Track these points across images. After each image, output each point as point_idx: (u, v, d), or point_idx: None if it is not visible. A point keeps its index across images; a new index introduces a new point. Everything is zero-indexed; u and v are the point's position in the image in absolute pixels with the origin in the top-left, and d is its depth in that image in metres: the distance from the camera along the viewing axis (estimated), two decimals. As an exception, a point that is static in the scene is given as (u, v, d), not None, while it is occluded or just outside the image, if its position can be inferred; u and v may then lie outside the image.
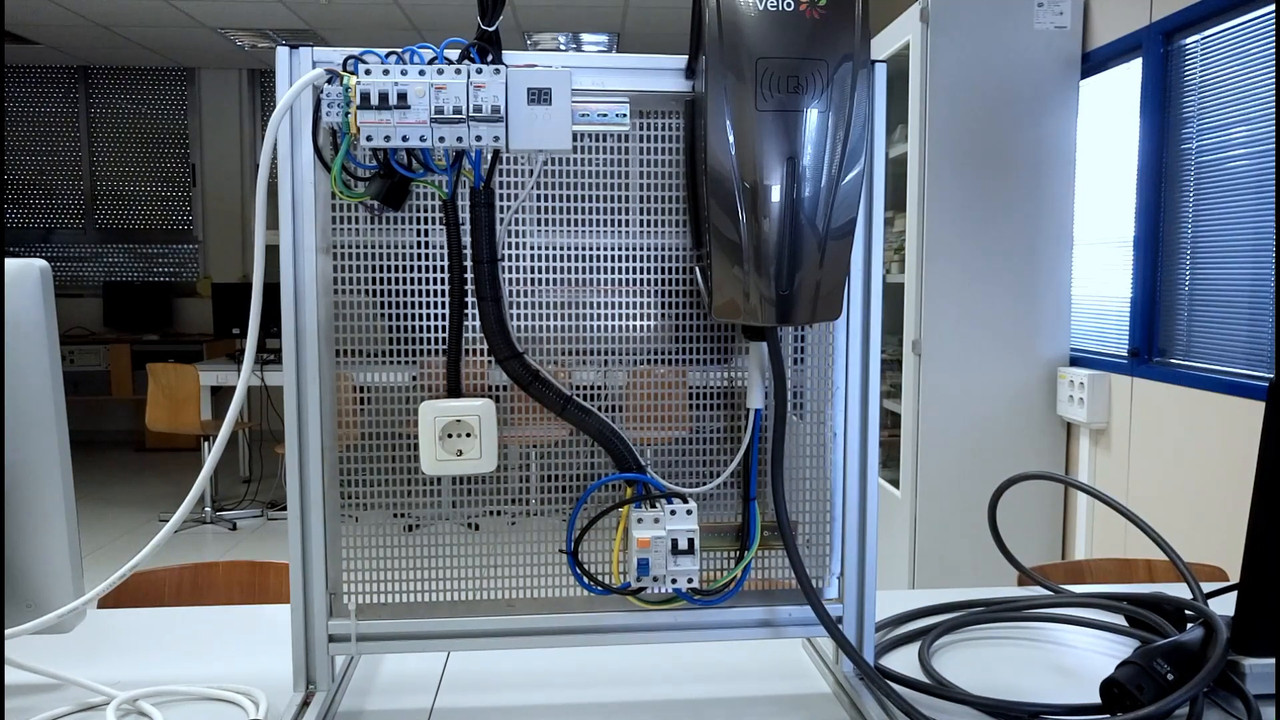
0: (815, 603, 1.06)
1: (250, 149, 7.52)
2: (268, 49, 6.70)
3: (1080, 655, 1.22)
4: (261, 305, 0.96)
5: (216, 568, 1.55)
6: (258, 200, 0.96)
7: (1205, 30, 2.65)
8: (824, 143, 0.96)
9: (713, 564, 1.13)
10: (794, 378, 1.12)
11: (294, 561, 1.04)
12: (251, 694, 1.07)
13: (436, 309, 1.07)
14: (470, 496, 1.13)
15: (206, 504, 5.35)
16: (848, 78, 0.95)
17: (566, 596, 1.12)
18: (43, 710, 1.03)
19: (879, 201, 1.07)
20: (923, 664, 1.16)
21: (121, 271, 7.56)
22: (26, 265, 0.95)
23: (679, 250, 1.10)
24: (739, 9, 0.94)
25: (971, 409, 3.16)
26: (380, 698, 1.11)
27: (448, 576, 1.11)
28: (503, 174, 1.06)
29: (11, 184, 7.32)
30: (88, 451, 7.12)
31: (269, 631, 1.27)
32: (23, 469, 0.95)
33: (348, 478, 1.08)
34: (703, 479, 1.12)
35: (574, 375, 1.11)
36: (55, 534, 0.97)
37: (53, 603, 0.98)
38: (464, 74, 0.97)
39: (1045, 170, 3.11)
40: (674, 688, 1.14)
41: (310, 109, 0.99)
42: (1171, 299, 2.81)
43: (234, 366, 5.44)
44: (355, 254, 1.06)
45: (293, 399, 1.02)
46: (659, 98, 1.06)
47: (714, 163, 0.96)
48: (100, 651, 1.21)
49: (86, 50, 6.84)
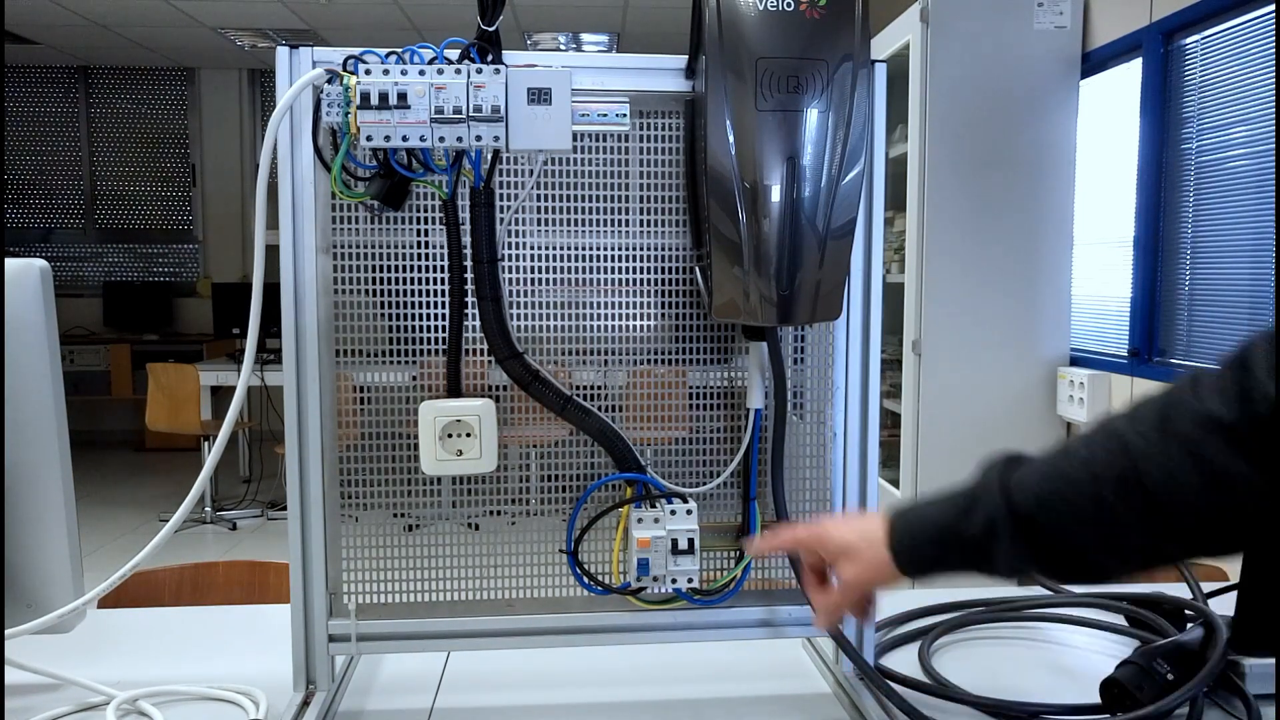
0: (815, 603, 1.06)
1: (250, 149, 7.52)
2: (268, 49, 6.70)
3: (1080, 655, 1.22)
4: (261, 305, 0.96)
5: (216, 568, 1.55)
6: (258, 200, 0.96)
7: (1205, 30, 2.65)
8: (824, 143, 0.96)
9: (713, 564, 1.13)
10: (794, 378, 1.12)
11: (294, 561, 1.04)
12: (251, 694, 1.07)
13: (436, 309, 1.07)
14: (470, 496, 1.13)
15: (206, 504, 5.35)
16: (848, 78, 0.95)
17: (566, 596, 1.12)
18: (43, 710, 1.03)
19: (879, 201, 1.07)
20: (923, 664, 1.16)
21: (121, 271, 7.55)
22: (26, 265, 0.95)
23: (679, 250, 1.10)
24: (739, 9, 0.94)
25: (971, 409, 3.16)
26: (380, 698, 1.11)
27: (448, 576, 1.11)
28: (503, 174, 1.06)
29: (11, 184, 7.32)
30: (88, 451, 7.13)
31: (269, 631, 1.27)
32: (23, 469, 0.95)
33: (348, 478, 1.08)
34: (703, 479, 1.12)
35: (574, 375, 1.11)
36: (55, 534, 0.97)
37: (53, 603, 0.98)
38: (464, 74, 0.97)
39: (1045, 170, 3.11)
40: (674, 688, 1.14)
41: (310, 109, 0.99)
42: (1171, 299, 2.81)
43: (234, 366, 5.44)
44: (355, 254, 1.06)
45: (293, 399, 1.02)
46: (659, 98, 1.06)
47: (714, 163, 0.96)
48: (100, 651, 1.21)
49: (86, 50, 6.84)
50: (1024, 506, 0.71)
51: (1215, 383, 0.63)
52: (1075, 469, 0.68)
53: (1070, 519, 0.68)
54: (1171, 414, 0.64)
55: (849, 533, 0.84)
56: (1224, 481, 0.61)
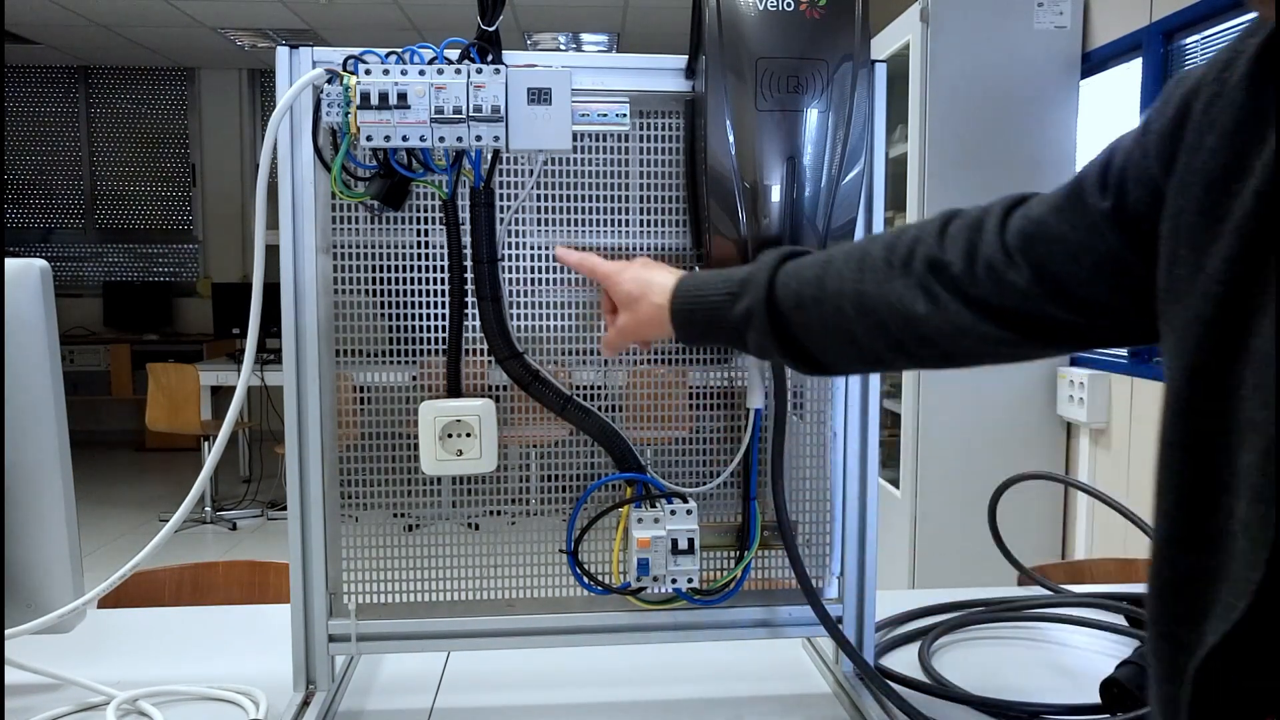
0: (815, 603, 1.06)
1: (250, 149, 7.52)
2: (268, 49, 6.70)
3: (1080, 655, 1.22)
4: (261, 305, 0.96)
5: (216, 568, 1.55)
6: (258, 200, 0.96)
7: (1205, 30, 2.65)
8: (824, 143, 0.96)
9: (713, 564, 1.13)
10: (794, 378, 1.11)
11: (294, 561, 1.04)
12: (251, 694, 1.07)
13: (436, 309, 1.07)
14: (470, 496, 1.13)
15: (206, 504, 5.35)
16: (848, 78, 0.95)
17: (566, 596, 1.12)
18: (43, 710, 1.03)
19: (879, 201, 1.07)
20: (923, 664, 1.16)
21: (121, 271, 7.55)
22: (26, 265, 0.95)
23: (679, 250, 1.10)
24: (739, 9, 0.94)
25: (971, 409, 3.16)
26: (380, 698, 1.11)
27: (448, 576, 1.11)
28: (503, 174, 1.06)
29: (11, 184, 7.31)
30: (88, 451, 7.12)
31: (269, 631, 1.27)
32: (23, 469, 0.95)
33: (348, 478, 1.08)
34: (703, 479, 1.12)
35: (574, 375, 1.11)
36: (55, 534, 0.97)
37: (53, 603, 0.98)
38: (464, 74, 0.97)
39: (1045, 170, 3.11)
40: (674, 688, 1.14)
41: (310, 109, 0.99)
42: (1171, 299, 2.81)
43: (234, 366, 5.44)
44: (355, 254, 1.06)
45: (293, 399, 1.02)
46: (659, 98, 1.06)
47: (714, 163, 0.96)
48: (100, 651, 1.21)
49: (86, 50, 6.84)
50: (780, 305, 0.81)
51: (958, 233, 0.74)
52: (830, 281, 0.79)
53: (816, 324, 0.79)
54: (917, 250, 0.75)
55: (636, 286, 0.93)
56: (944, 314, 0.74)
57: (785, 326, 0.82)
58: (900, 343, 0.77)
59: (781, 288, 0.82)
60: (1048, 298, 0.69)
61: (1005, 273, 0.70)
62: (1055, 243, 0.67)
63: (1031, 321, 0.71)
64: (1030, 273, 0.69)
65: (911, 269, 0.75)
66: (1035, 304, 0.70)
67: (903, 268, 0.75)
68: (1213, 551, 0.52)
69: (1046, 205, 0.69)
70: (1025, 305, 0.70)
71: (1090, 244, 0.65)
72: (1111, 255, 0.64)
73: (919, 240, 0.76)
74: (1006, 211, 0.72)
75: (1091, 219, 0.65)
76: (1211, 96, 0.55)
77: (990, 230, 0.72)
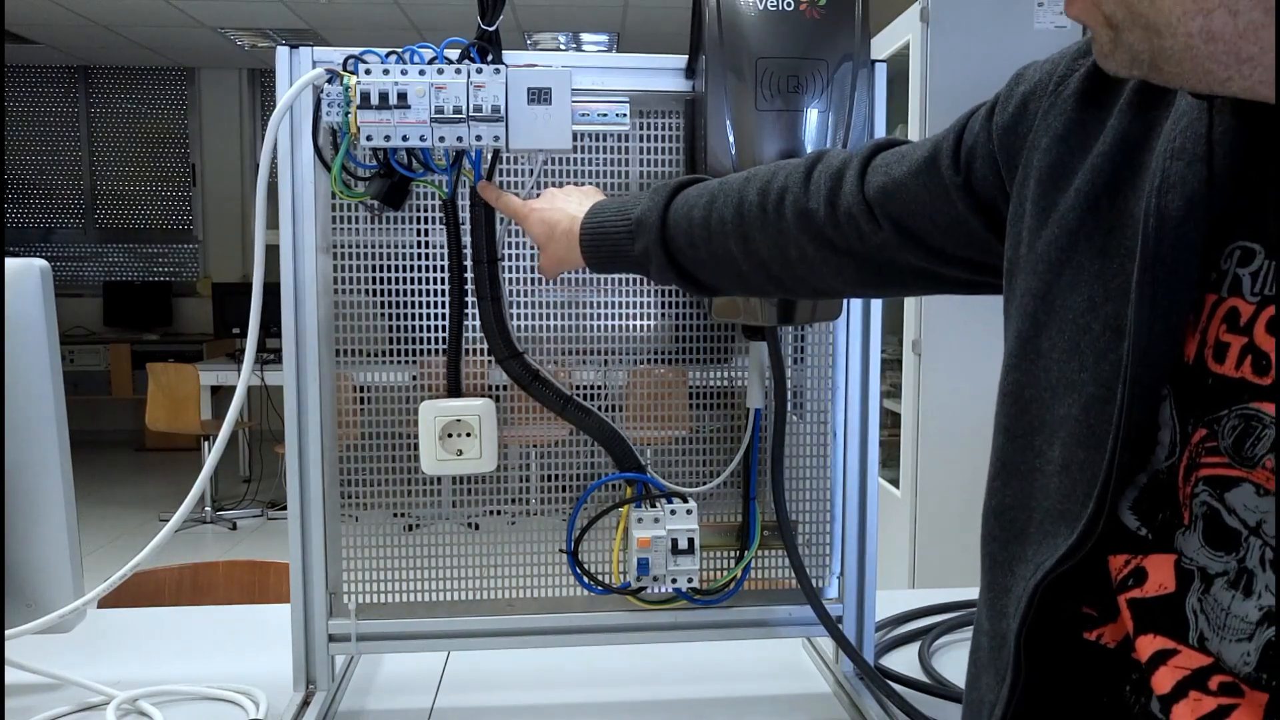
0: (815, 602, 1.06)
1: (250, 149, 7.51)
2: (268, 49, 6.70)
3: (1080, 655, 1.22)
4: (261, 305, 0.96)
5: (216, 568, 1.55)
6: (258, 200, 0.96)
7: (1205, 30, 2.65)
8: (824, 142, 0.96)
9: (713, 564, 1.13)
10: (794, 377, 1.12)
11: (294, 561, 1.04)
12: (251, 694, 1.07)
13: (436, 309, 1.07)
14: (470, 496, 1.13)
15: (206, 504, 5.35)
16: (848, 78, 0.95)
17: (566, 596, 1.12)
18: (43, 710, 1.03)
19: (879, 201, 1.07)
20: (923, 664, 1.16)
21: (121, 271, 7.55)
22: (26, 265, 0.95)
23: (679, 250, 1.10)
24: (739, 9, 0.94)
25: (971, 409, 3.16)
26: (380, 698, 1.11)
27: (448, 576, 1.11)
28: (503, 174, 1.06)
29: (11, 184, 7.31)
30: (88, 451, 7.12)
31: (269, 631, 1.27)
32: (23, 469, 0.95)
33: (348, 478, 1.08)
34: (703, 479, 1.12)
35: (574, 375, 1.11)
36: (55, 534, 0.97)
37: (53, 603, 0.98)
38: (464, 74, 0.97)
39: (1045, 170, 3.11)
40: (674, 688, 1.14)
41: (310, 109, 0.99)
42: (1171, 299, 2.81)
43: (234, 366, 5.43)
44: (355, 254, 1.06)
45: (293, 399, 1.02)
46: (659, 98, 1.06)
47: (714, 163, 0.96)
48: (100, 651, 1.21)
49: (86, 50, 6.84)
50: (671, 243, 0.89)
51: (820, 179, 0.81)
52: (715, 224, 0.86)
53: (707, 260, 0.88)
54: (786, 199, 0.82)
55: (543, 229, 0.97)
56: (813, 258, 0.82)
57: (680, 263, 0.90)
58: (779, 279, 0.87)
59: (673, 226, 0.89)
60: (906, 247, 0.77)
61: (865, 223, 0.78)
62: (913, 202, 0.75)
63: (891, 267, 0.80)
64: (890, 225, 0.76)
65: (783, 215, 0.83)
66: (893, 252, 0.78)
67: (775, 214, 0.83)
68: (1030, 482, 0.62)
69: (906, 167, 0.75)
70: (884, 253, 0.79)
71: (944, 208, 0.73)
72: (961, 220, 0.72)
73: (786, 189, 0.83)
74: (865, 162, 0.79)
75: (944, 186, 0.72)
76: (1049, 105, 0.64)
77: (850, 181, 0.79)
